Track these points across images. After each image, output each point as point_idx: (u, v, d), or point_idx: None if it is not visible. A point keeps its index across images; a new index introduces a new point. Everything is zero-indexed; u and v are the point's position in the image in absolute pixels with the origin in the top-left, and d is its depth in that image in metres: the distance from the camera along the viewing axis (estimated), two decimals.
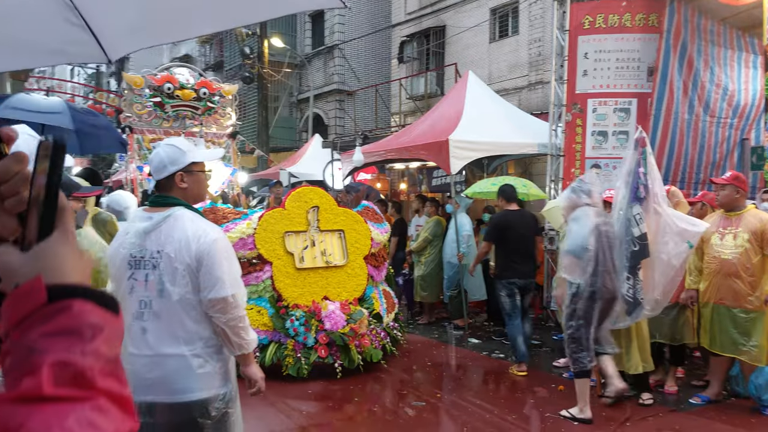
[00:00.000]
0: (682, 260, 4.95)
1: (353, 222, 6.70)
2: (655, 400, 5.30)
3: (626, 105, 8.26)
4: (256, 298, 6.09)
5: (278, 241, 6.18)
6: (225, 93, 9.87)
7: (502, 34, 14.16)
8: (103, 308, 0.74)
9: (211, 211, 6.14)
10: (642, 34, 8.15)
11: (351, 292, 6.47)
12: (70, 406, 0.66)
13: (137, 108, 9.16)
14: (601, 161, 8.33)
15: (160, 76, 9.31)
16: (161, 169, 2.54)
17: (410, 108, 16.14)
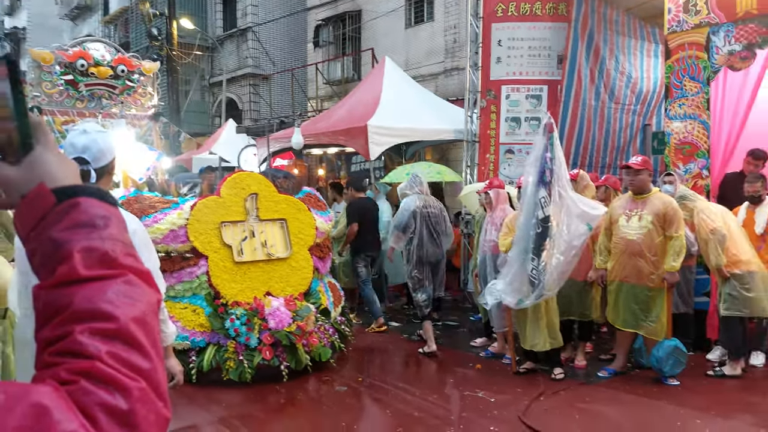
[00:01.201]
0: (581, 242, 5.19)
1: (296, 210, 6.14)
2: (566, 375, 5.53)
3: (538, 92, 8.53)
4: (191, 296, 5.55)
5: (214, 232, 5.60)
6: (145, 71, 9.22)
7: (417, 20, 14.25)
8: (105, 201, 0.82)
9: (136, 200, 5.55)
10: (552, 23, 8.42)
11: (296, 286, 5.94)
12: (105, 282, 0.75)
13: (46, 87, 8.44)
14: (515, 147, 8.58)
15: (72, 51, 8.58)
16: (101, 157, 2.42)
17: (327, 93, 16.01)
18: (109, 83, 8.79)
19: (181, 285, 5.47)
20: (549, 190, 5.19)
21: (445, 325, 7.79)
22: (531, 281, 5.21)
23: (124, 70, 8.85)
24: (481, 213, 6.89)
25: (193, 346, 5.33)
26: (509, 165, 8.59)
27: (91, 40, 9.20)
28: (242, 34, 19.58)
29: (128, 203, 5.39)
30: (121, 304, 0.74)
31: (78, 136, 2.43)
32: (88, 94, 8.65)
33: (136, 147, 8.26)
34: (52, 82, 8.44)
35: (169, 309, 5.15)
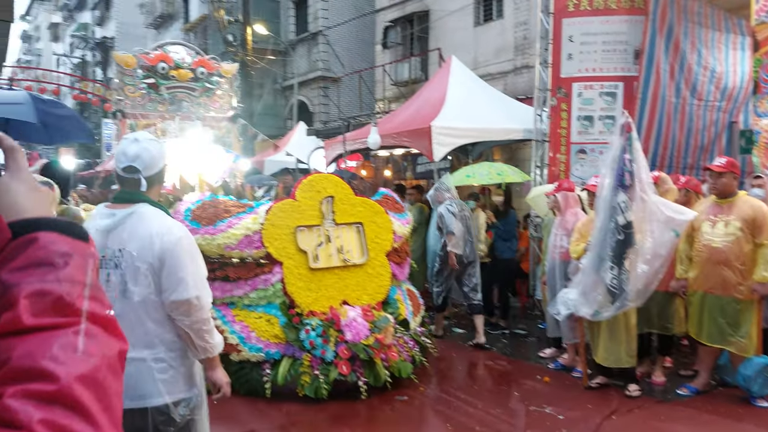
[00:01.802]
0: (668, 249, 4.80)
1: (373, 213, 5.75)
2: (642, 391, 5.18)
3: (612, 89, 8.10)
4: (265, 304, 5.25)
5: (289, 237, 5.28)
6: (224, 73, 9.02)
7: (486, 18, 13.93)
8: (70, 236, 0.74)
9: (211, 204, 5.35)
10: (628, 16, 7.98)
11: (373, 294, 5.54)
12: (52, 333, 0.65)
13: (129, 91, 8.38)
14: (587, 146, 8.18)
15: (153, 55, 8.51)
16: (152, 165, 2.41)
17: (395, 94, 15.92)
18: (189, 86, 8.67)
19: (256, 293, 5.22)
20: (629, 194, 4.85)
21: (512, 334, 7.51)
22: (610, 291, 4.87)
23: (203, 73, 8.73)
24: (550, 217, 6.59)
25: (268, 358, 5.08)
26: (581, 165, 8.20)
27: (172, 43, 9.09)
28: (313, 38, 19.78)
29: (203, 207, 5.31)
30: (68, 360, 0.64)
31: (129, 145, 2.42)
32: (169, 97, 8.57)
33: (213, 149, 8.15)
34: (135, 85, 8.41)
35: (244, 318, 5.14)
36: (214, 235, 5.13)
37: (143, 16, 30.95)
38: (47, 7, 48.71)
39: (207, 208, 5.30)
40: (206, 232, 5.14)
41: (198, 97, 8.66)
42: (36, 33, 54.24)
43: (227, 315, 5.21)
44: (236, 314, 5.21)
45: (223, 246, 5.13)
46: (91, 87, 21.08)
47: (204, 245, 5.04)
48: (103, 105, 20.80)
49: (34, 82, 20.36)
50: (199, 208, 5.31)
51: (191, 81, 8.63)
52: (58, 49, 43.68)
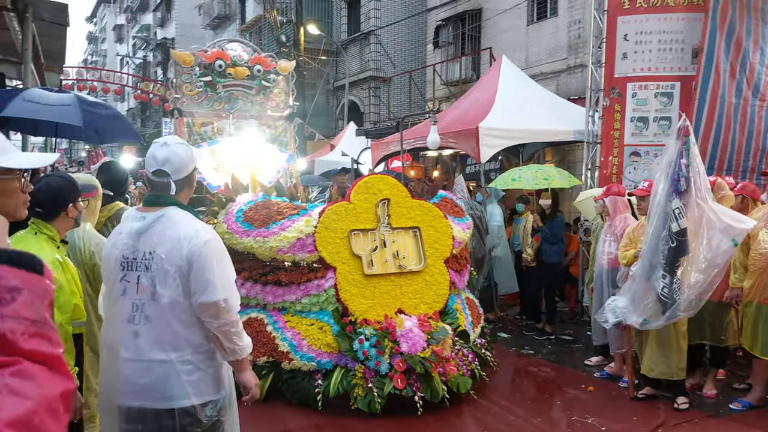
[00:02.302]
0: (725, 259, 4.58)
1: (430, 217, 5.48)
2: (691, 404, 4.98)
3: (669, 89, 7.83)
4: (318, 311, 5.06)
5: (343, 241, 5.09)
6: (281, 70, 8.72)
7: (540, 16, 13.67)
8: (23, 270, 0.70)
9: (264, 206, 5.20)
10: (686, 14, 7.69)
11: (430, 303, 5.24)
12: None
13: (186, 88, 8.22)
14: (641, 149, 7.93)
15: (210, 52, 8.37)
16: (182, 169, 2.45)
17: (445, 94, 15.81)
18: (246, 83, 8.47)
19: (308, 299, 5.05)
20: (684, 201, 4.66)
21: (558, 340, 7.35)
22: (661, 300, 4.70)
23: (260, 70, 8.49)
24: (599, 221, 6.41)
25: (319, 367, 4.90)
26: (634, 168, 7.95)
27: (229, 41, 8.87)
28: (365, 38, 19.85)
29: (255, 209, 5.21)
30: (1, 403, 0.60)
31: (159, 149, 2.45)
32: (226, 95, 8.37)
33: (267, 148, 8.00)
34: (192, 83, 8.25)
35: (296, 325, 5.00)
36: (267, 238, 5.02)
37: (201, 17, 31.73)
38: (112, 9, 50.55)
39: (259, 210, 5.19)
40: (258, 235, 5.04)
41: (254, 96, 8.49)
42: (101, 34, 56.38)
43: (279, 321, 5.11)
44: (288, 320, 5.10)
45: (275, 249, 5.02)
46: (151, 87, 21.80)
47: (256, 248, 5.02)
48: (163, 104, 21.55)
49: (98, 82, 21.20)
50: (252, 210, 5.22)
51: (248, 79, 8.44)
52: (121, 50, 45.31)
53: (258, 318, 5.17)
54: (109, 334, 2.44)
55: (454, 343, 5.13)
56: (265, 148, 7.93)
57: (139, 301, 2.34)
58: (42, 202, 2.64)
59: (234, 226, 5.13)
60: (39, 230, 2.64)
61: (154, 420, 2.31)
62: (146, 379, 2.31)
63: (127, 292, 2.36)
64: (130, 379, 2.32)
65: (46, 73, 8.93)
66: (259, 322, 5.13)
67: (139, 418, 2.32)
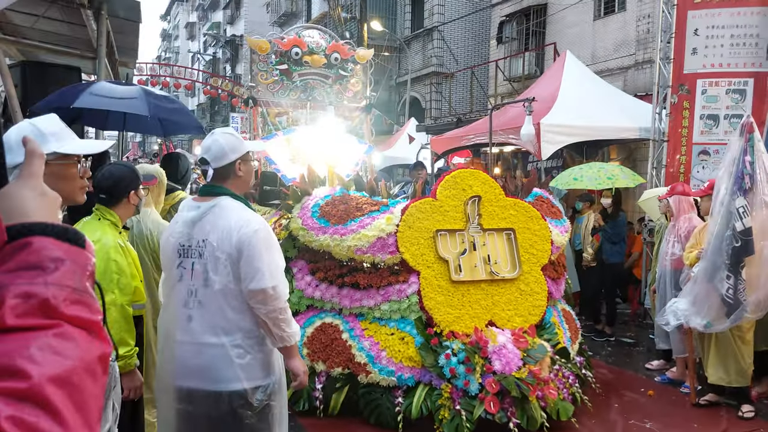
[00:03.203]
0: None
1: (527, 218, 4.88)
2: (757, 413, 4.81)
3: (741, 86, 7.52)
4: (399, 319, 4.56)
5: (428, 242, 4.57)
6: (359, 59, 8.28)
7: (607, 11, 13.32)
8: (66, 242, 0.76)
9: (342, 201, 4.77)
10: (761, 8, 7.37)
11: (526, 316, 4.66)
12: (33, 334, 0.67)
13: (262, 77, 7.84)
14: (710, 147, 7.66)
15: (287, 39, 7.96)
16: (223, 157, 2.53)
17: (507, 90, 15.63)
18: (323, 72, 8.03)
19: (388, 305, 4.54)
20: (749, 199, 4.52)
21: (618, 342, 7.20)
22: (725, 302, 4.57)
23: (337, 59, 8.07)
24: (663, 221, 6.25)
25: (400, 383, 4.43)
26: (703, 167, 7.69)
27: (305, 27, 8.47)
28: (428, 34, 19.84)
29: (332, 204, 4.77)
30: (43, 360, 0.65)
31: (207, 139, 2.58)
32: (302, 84, 7.95)
33: (345, 139, 7.42)
34: (268, 71, 7.89)
35: (374, 334, 4.54)
36: (344, 236, 4.56)
37: (269, 14, 32.43)
38: (185, 7, 52.28)
39: (337, 205, 4.74)
40: (335, 232, 4.59)
41: (331, 85, 8.11)
42: (174, 32, 58.40)
43: (356, 328, 4.63)
44: (366, 328, 4.62)
45: (353, 248, 4.55)
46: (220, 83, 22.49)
47: (332, 246, 4.61)
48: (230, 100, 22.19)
49: (170, 78, 22.04)
50: (329, 205, 4.78)
51: (324, 67, 8.04)
52: (193, 47, 46.86)
53: (333, 324, 4.72)
54: (166, 318, 2.58)
55: (553, 361, 4.56)
56: (343, 139, 7.45)
57: (194, 286, 2.46)
58: (105, 189, 2.82)
59: (310, 222, 4.72)
60: (102, 216, 2.81)
61: (206, 401, 2.42)
62: (198, 360, 2.42)
63: (184, 278, 2.49)
64: (181, 360, 2.44)
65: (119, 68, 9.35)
66: (334, 329, 4.68)
67: (192, 399, 2.43)
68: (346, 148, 7.11)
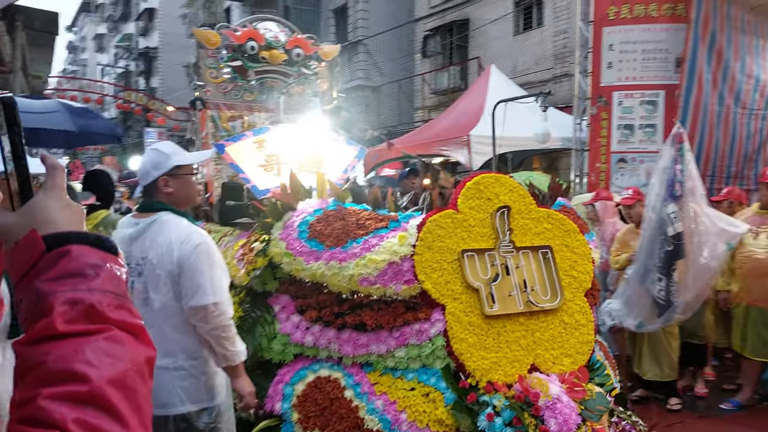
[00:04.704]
0: (720, 262, 4.74)
1: (563, 233, 3.77)
2: (684, 405, 5.12)
3: (653, 97, 8.04)
4: (420, 369, 3.34)
5: (452, 267, 3.40)
6: (324, 56, 7.20)
7: (526, 27, 13.92)
8: (101, 249, 0.79)
9: (338, 216, 3.64)
10: (669, 24, 7.91)
11: (573, 356, 3.53)
12: (85, 339, 0.69)
13: (211, 75, 6.80)
14: (627, 155, 8.13)
15: (240, 32, 6.85)
16: (145, 175, 2.49)
17: (434, 103, 16.00)
18: (283, 70, 6.92)
19: (405, 351, 3.34)
20: (679, 205, 4.82)
21: None
22: (658, 303, 4.83)
23: (299, 55, 6.93)
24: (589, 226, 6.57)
25: None
26: (622, 175, 8.14)
27: (262, 18, 7.30)
28: (353, 47, 20.01)
29: (325, 220, 3.60)
30: (99, 363, 0.68)
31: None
32: (258, 84, 6.91)
33: (332, 139, 5.82)
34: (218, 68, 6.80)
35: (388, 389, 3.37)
36: (345, 262, 3.35)
37: (185, 26, 31.72)
38: (93, 18, 50.35)
39: (332, 222, 3.60)
40: (332, 257, 3.38)
41: (292, 85, 7.02)
42: (82, 44, 56.10)
43: (363, 383, 3.46)
44: (376, 382, 3.44)
45: (357, 278, 3.33)
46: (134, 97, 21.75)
47: (329, 276, 3.36)
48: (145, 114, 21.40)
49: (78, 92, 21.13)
50: (321, 222, 3.63)
51: (285, 64, 6.89)
52: (102, 59, 45.11)
53: (332, 378, 3.48)
54: None
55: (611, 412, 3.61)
56: (330, 139, 5.80)
57: None
58: None
59: (297, 245, 3.54)
60: None
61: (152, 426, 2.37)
62: None
63: None
64: None
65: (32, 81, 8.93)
66: (334, 385, 3.45)
67: None
68: (334, 151, 5.61)
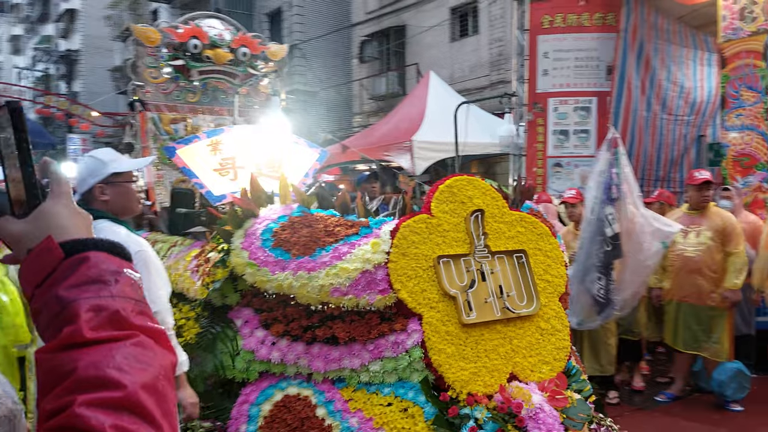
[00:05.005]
0: (655, 260, 4.97)
1: (536, 236, 3.61)
2: (621, 399, 5.33)
3: (586, 104, 8.35)
4: (396, 383, 3.15)
5: (428, 274, 3.24)
6: (271, 55, 6.93)
7: (462, 34, 14.19)
8: (116, 256, 0.79)
9: (303, 223, 3.41)
10: (600, 33, 8.24)
11: (551, 362, 3.38)
12: (113, 345, 0.69)
13: (151, 75, 6.45)
14: (563, 160, 8.40)
15: (182, 29, 6.49)
16: (82, 182, 2.45)
17: (372, 108, 16.07)
18: (228, 70, 6.58)
19: (381, 364, 3.13)
20: (616, 207, 5.02)
21: None
22: (597, 301, 5.01)
23: (246, 54, 6.65)
24: None
25: None
26: (558, 179, 8.41)
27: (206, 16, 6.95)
28: (289, 52, 19.88)
29: (291, 227, 3.42)
30: (131, 369, 0.68)
31: None
32: (202, 85, 6.59)
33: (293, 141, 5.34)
34: (158, 68, 6.49)
35: (363, 406, 3.13)
36: (314, 272, 3.19)
37: (109, 28, 30.64)
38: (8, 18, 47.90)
39: (299, 229, 3.40)
40: (300, 267, 3.21)
41: (239, 86, 6.68)
42: None
43: (335, 400, 3.21)
44: (350, 398, 3.21)
45: (327, 289, 3.14)
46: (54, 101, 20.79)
47: (297, 287, 3.17)
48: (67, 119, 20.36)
49: None
50: (287, 229, 3.43)
51: (230, 64, 6.58)
52: (19, 62, 42.91)
53: (301, 396, 3.24)
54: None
55: (591, 420, 3.45)
56: (289, 141, 5.30)
57: None
58: None
59: (260, 255, 3.36)
60: None
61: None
62: None
63: None
64: None
65: None
66: (304, 403, 3.20)
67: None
68: (294, 154, 5.17)
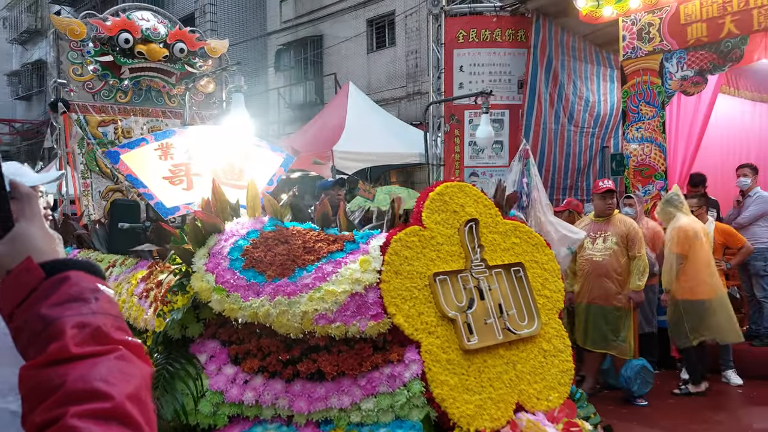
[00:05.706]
0: (563, 265, 5.27)
1: (531, 247, 3.33)
2: None
3: (500, 116, 8.69)
4: (393, 422, 2.63)
5: (423, 294, 2.79)
6: (211, 52, 6.51)
7: (379, 45, 14.41)
8: (93, 275, 0.82)
9: (278, 238, 2.90)
10: (512, 49, 8.62)
11: (557, 387, 3.05)
12: (97, 359, 0.73)
13: (75, 71, 5.81)
14: (479, 170, 8.70)
15: (111, 22, 5.86)
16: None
17: (289, 117, 15.99)
18: (163, 67, 6.06)
19: (375, 401, 2.62)
20: (526, 214, 5.27)
21: None
22: None
23: (183, 50, 6.16)
24: None
25: None
26: None
27: (137, 7, 6.31)
28: None
29: (264, 244, 2.87)
30: (116, 381, 0.72)
31: None
32: (133, 84, 6.04)
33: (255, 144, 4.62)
34: (84, 64, 5.86)
35: None
36: (294, 296, 2.67)
37: (6, 30, 28.90)
38: None
39: (273, 246, 2.88)
40: (277, 291, 2.67)
41: (175, 85, 6.20)
42: None
43: None
44: None
45: (311, 316, 2.64)
46: None
47: (276, 316, 2.63)
48: None
49: None
50: (259, 246, 2.88)
51: (166, 61, 6.06)
52: None
53: None
54: None
55: None
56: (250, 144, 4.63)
57: None
58: None
59: (229, 278, 2.79)
60: None
61: None
62: None
63: None
64: None
65: None
66: None
67: None
68: (257, 159, 4.49)
